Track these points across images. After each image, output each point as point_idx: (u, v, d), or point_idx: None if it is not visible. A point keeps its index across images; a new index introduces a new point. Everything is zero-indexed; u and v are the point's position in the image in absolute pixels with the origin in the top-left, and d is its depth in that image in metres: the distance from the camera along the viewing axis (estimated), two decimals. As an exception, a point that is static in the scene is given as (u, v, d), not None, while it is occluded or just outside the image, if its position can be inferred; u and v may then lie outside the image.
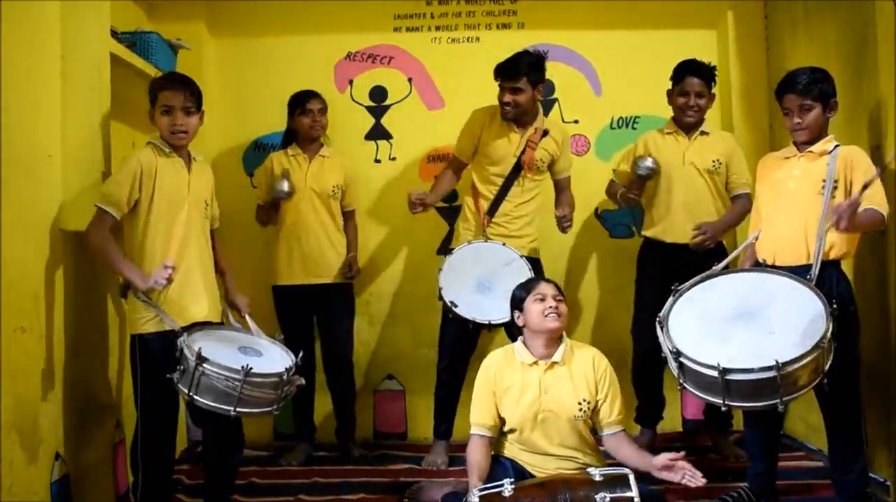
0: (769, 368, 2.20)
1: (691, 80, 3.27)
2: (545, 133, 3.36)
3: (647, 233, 3.37)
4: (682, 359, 2.34)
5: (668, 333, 2.42)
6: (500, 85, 3.27)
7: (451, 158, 3.50)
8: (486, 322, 3.01)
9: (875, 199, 2.51)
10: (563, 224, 3.29)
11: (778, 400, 2.22)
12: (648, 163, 3.23)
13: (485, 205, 3.34)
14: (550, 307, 2.52)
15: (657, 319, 2.47)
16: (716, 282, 2.56)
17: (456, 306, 3.00)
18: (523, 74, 3.23)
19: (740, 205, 3.29)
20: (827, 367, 2.29)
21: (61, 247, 2.56)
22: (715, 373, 2.24)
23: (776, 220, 2.72)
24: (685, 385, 2.37)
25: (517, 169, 3.32)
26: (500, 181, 3.34)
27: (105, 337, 2.82)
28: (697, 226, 3.16)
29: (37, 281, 2.45)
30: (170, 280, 2.43)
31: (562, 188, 3.49)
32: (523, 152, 3.31)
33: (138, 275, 2.48)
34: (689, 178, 3.28)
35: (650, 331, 3.19)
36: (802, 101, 2.63)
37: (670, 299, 2.51)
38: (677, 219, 3.26)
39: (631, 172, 3.30)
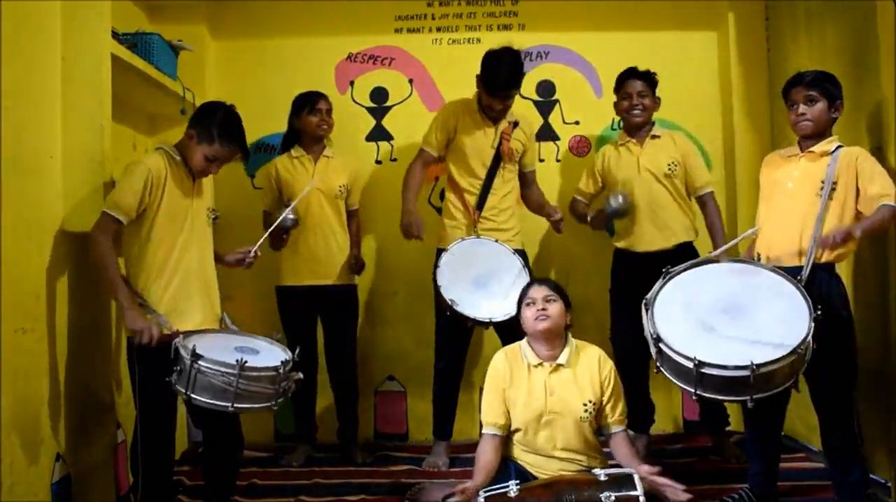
0: (744, 368, 2.22)
1: (632, 82, 3.33)
2: (515, 124, 3.39)
3: (618, 244, 3.41)
4: (660, 345, 2.36)
5: (651, 317, 2.43)
6: (490, 95, 3.27)
7: (421, 153, 3.42)
8: (487, 320, 3.01)
9: (890, 197, 2.50)
10: (558, 219, 3.38)
11: (748, 398, 2.26)
12: (619, 201, 3.21)
13: (471, 199, 3.35)
14: (538, 310, 2.54)
15: (644, 301, 2.48)
16: (707, 270, 2.58)
17: (456, 304, 3.00)
18: (515, 86, 3.27)
19: (711, 210, 3.34)
20: (802, 370, 2.32)
21: (63, 248, 2.57)
22: (690, 365, 2.28)
23: (773, 220, 2.73)
24: (661, 369, 2.40)
25: (497, 160, 3.35)
26: (482, 173, 3.35)
27: (106, 338, 2.82)
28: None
29: (38, 281, 2.46)
30: (148, 342, 2.41)
31: (530, 182, 3.55)
32: (500, 144, 3.34)
33: (128, 299, 2.44)
34: (648, 186, 3.30)
35: (627, 340, 3.24)
36: (808, 91, 2.65)
37: (659, 281, 2.52)
38: (644, 228, 3.29)
39: (607, 209, 3.29)
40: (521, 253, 3.33)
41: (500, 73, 3.22)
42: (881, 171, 2.56)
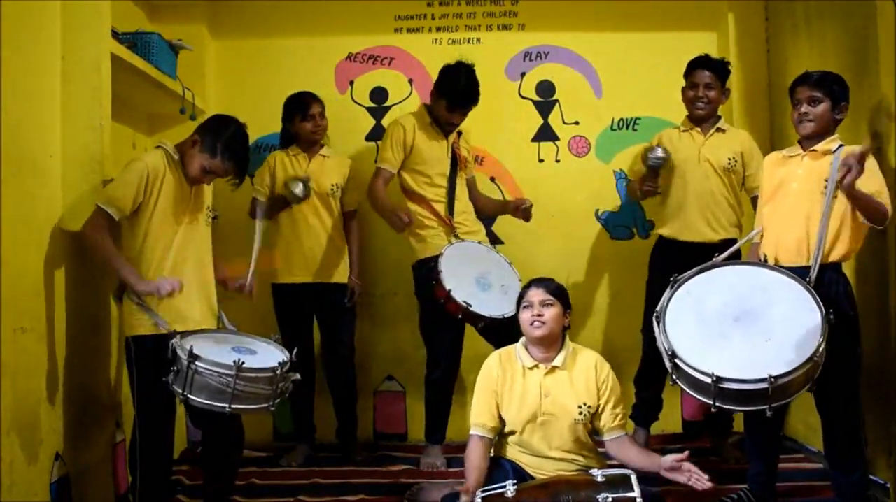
0: (762, 380, 2.23)
1: (700, 72, 3.27)
2: (459, 134, 3.47)
3: (662, 231, 3.34)
4: (676, 361, 2.36)
5: (664, 330, 2.42)
6: (451, 109, 3.31)
7: (379, 172, 3.38)
8: (501, 316, 3.02)
9: (883, 196, 2.52)
10: (530, 205, 3.42)
11: (766, 407, 2.26)
12: (658, 152, 3.23)
13: (440, 208, 3.37)
14: (534, 315, 2.53)
15: (654, 314, 2.47)
16: (715, 275, 2.55)
17: (470, 305, 3.01)
18: (476, 100, 3.34)
19: None
20: (817, 375, 2.32)
21: (62, 248, 2.57)
22: (708, 380, 2.27)
23: (779, 220, 2.72)
24: (678, 382, 2.40)
25: (455, 167, 3.40)
26: (443, 182, 3.39)
27: (105, 337, 2.82)
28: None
29: (37, 281, 2.46)
30: (170, 294, 2.44)
31: (471, 187, 3.58)
32: (454, 152, 3.40)
33: (134, 275, 2.47)
34: (704, 176, 3.26)
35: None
36: (812, 92, 2.65)
37: (668, 291, 2.51)
38: (691, 217, 3.25)
39: (642, 164, 3.29)
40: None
41: (465, 89, 3.29)
42: (876, 172, 2.56)
